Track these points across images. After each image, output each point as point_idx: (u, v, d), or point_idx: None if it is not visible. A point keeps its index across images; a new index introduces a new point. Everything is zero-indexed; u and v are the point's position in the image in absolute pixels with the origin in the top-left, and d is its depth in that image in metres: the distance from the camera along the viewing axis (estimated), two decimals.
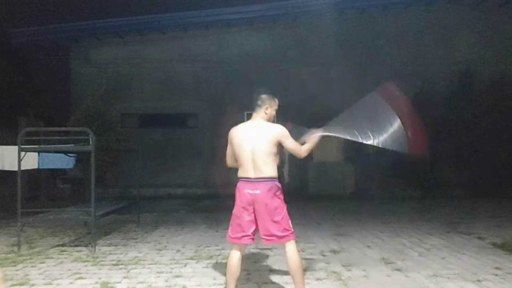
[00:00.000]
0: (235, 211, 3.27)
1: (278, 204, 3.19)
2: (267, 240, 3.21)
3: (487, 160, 11.31)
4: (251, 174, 3.20)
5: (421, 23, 12.61)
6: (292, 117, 13.25)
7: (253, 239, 3.26)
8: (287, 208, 3.26)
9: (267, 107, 3.40)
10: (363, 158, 12.32)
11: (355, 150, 12.38)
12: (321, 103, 12.35)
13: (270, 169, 3.21)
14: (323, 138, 3.42)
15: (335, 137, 3.43)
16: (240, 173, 3.28)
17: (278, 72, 12.44)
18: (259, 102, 3.39)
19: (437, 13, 12.55)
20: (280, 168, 3.36)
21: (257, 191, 3.15)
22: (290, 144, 3.30)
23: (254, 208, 3.18)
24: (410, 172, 11.67)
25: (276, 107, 3.50)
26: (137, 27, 12.32)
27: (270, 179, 3.20)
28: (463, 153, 11.57)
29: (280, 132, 3.28)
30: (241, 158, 3.25)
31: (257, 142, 3.21)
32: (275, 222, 3.16)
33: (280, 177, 3.31)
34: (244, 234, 3.21)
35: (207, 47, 12.70)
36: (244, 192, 3.20)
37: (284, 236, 3.18)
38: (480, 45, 12.49)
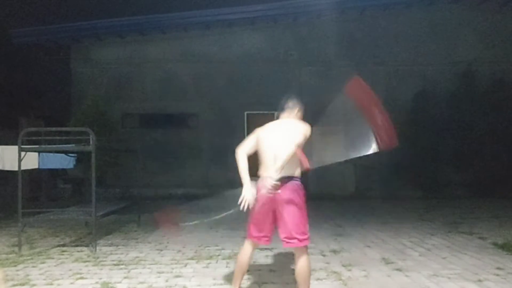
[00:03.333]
0: (256, 209, 3.16)
1: (300, 205, 3.10)
2: (288, 243, 3.10)
3: (489, 159, 11.31)
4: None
5: (422, 23, 12.60)
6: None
7: (269, 240, 3.20)
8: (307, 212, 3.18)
9: (299, 110, 3.49)
10: (363, 158, 12.32)
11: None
12: (322, 103, 12.37)
13: (293, 169, 3.12)
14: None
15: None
16: (262, 172, 3.19)
17: (278, 72, 12.44)
18: (290, 105, 3.47)
19: (438, 13, 12.54)
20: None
21: (279, 191, 3.06)
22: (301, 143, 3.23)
23: (275, 208, 3.10)
24: (410, 172, 11.67)
25: (302, 112, 3.56)
26: (138, 27, 12.32)
27: (293, 178, 3.12)
28: (464, 152, 11.56)
29: (306, 130, 3.28)
30: (265, 156, 3.18)
31: (282, 141, 3.12)
32: (296, 223, 3.07)
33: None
34: (263, 234, 3.16)
35: (208, 47, 12.69)
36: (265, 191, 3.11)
37: (303, 240, 3.08)
38: (481, 45, 12.48)
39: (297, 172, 3.16)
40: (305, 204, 3.16)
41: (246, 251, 3.24)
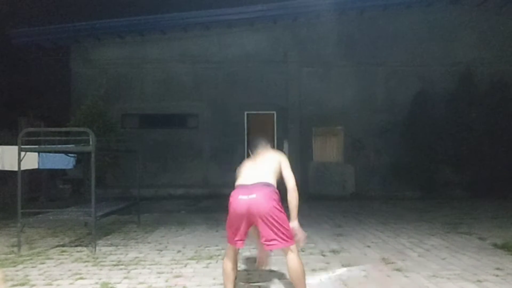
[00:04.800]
0: (228, 217, 3.23)
1: (276, 207, 3.10)
2: (269, 245, 3.14)
3: (488, 160, 11.31)
4: (248, 181, 3.20)
5: (422, 23, 12.62)
6: (291, 117, 13.27)
7: (243, 243, 3.24)
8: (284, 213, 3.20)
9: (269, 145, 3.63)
10: (363, 158, 12.35)
11: (355, 150, 12.42)
12: (321, 103, 12.39)
13: (269, 178, 3.22)
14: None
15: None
16: (237, 182, 3.30)
17: (278, 73, 12.45)
18: (262, 142, 3.60)
19: (437, 14, 12.56)
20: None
21: (252, 195, 3.09)
22: (288, 171, 3.33)
23: (249, 214, 3.10)
24: (409, 172, 11.68)
25: None
26: (137, 27, 12.31)
27: (267, 184, 3.16)
28: (463, 153, 11.57)
29: (283, 156, 3.41)
30: (242, 173, 3.34)
31: (259, 162, 3.35)
32: (274, 225, 3.08)
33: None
34: (237, 238, 3.20)
35: (208, 47, 12.70)
36: (237, 199, 3.13)
37: (283, 241, 3.10)
38: (481, 45, 12.50)
39: (273, 182, 3.24)
40: (282, 207, 3.17)
41: (228, 257, 3.29)
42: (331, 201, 10.37)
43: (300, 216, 3.27)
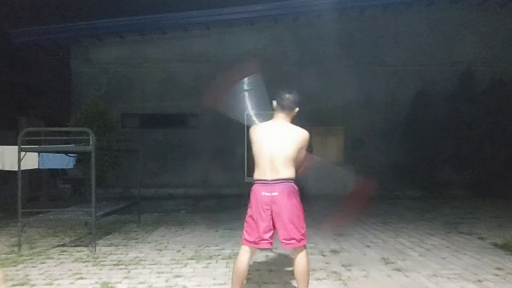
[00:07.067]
0: (250, 214, 3.17)
1: (296, 205, 3.12)
2: (287, 244, 3.12)
3: (488, 160, 11.32)
4: (268, 176, 3.11)
5: (422, 23, 12.61)
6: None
7: (271, 243, 3.17)
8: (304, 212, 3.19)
9: (297, 110, 3.34)
10: (363, 158, 12.34)
11: (355, 150, 12.42)
12: (322, 102, 12.37)
13: (288, 171, 3.12)
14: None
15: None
16: (257, 175, 3.18)
17: (278, 72, 12.43)
18: (292, 105, 3.28)
19: (438, 13, 12.55)
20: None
21: (275, 193, 3.07)
22: (303, 153, 3.24)
23: (272, 211, 3.09)
24: (410, 172, 11.68)
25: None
26: (137, 27, 12.31)
27: (288, 180, 3.12)
28: (464, 153, 11.57)
29: (306, 138, 3.22)
30: (260, 158, 3.16)
31: (279, 145, 3.12)
32: (293, 224, 3.09)
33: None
34: (261, 238, 3.12)
35: (208, 47, 12.69)
36: (261, 195, 3.10)
37: (301, 240, 3.11)
38: (481, 45, 12.49)
39: (292, 174, 3.16)
40: (301, 205, 3.18)
41: (243, 258, 3.18)
42: (331, 201, 10.35)
43: None
